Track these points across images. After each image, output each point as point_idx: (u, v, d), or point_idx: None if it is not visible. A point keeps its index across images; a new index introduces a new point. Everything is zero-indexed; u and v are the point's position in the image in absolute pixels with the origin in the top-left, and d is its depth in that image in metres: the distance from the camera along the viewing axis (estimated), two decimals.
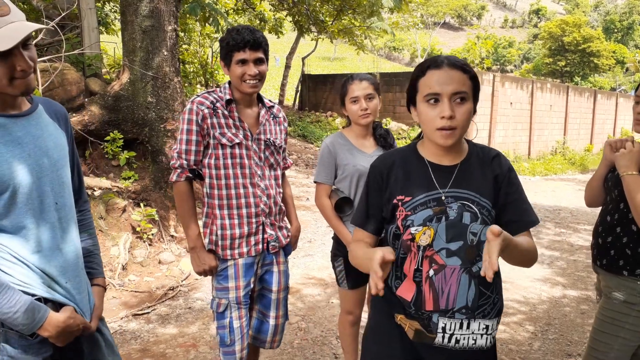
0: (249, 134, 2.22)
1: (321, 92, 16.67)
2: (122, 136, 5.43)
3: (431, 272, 1.46)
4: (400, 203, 1.48)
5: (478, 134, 13.56)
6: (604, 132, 20.15)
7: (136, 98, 5.43)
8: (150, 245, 5.00)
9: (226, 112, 2.20)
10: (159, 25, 5.31)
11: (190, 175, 2.21)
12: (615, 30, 53.83)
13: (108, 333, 1.74)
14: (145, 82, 5.39)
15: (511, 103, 14.71)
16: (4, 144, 1.39)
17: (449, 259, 1.45)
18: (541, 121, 16.19)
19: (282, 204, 2.41)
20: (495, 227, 1.20)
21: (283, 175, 2.53)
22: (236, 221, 2.22)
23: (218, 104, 2.19)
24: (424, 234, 1.45)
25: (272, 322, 2.39)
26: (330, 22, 12.86)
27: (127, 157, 5.48)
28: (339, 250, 2.61)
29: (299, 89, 17.12)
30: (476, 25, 47.30)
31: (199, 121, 2.15)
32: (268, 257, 2.34)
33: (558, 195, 10.34)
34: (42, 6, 6.43)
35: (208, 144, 2.19)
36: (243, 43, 2.10)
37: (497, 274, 1.52)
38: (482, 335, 1.49)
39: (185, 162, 2.18)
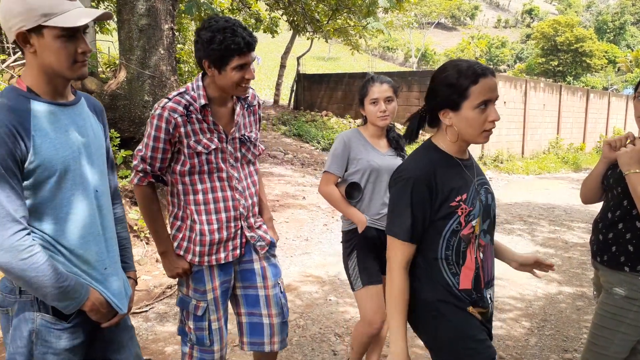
0: (223, 136, 2.10)
1: (316, 92, 16.67)
2: (118, 135, 5.42)
3: (481, 255, 1.66)
4: (461, 202, 1.59)
5: None
6: (597, 131, 20.30)
7: (133, 97, 5.43)
8: (147, 244, 5.00)
9: (200, 117, 2.04)
10: (156, 24, 5.31)
11: (153, 180, 2.12)
12: (608, 30, 54.22)
13: (130, 324, 1.81)
14: (142, 81, 5.39)
15: (505, 102, 14.79)
16: (54, 131, 1.45)
17: (485, 237, 1.67)
18: (534, 120, 16.29)
19: (257, 206, 2.31)
20: None
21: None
22: (215, 226, 2.11)
23: (191, 108, 2.02)
24: (478, 223, 1.63)
25: (265, 321, 2.25)
26: (326, 22, 12.88)
27: (124, 155, 5.47)
28: (349, 246, 2.61)
29: (294, 88, 17.13)
30: (470, 25, 47.42)
31: (170, 130, 1.99)
32: (246, 254, 2.23)
33: (552, 193, 10.42)
34: None
35: (179, 150, 2.06)
36: (246, 46, 1.92)
37: None
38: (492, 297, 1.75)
39: (149, 167, 2.07)
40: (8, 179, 1.35)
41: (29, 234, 1.40)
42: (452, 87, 1.56)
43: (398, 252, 1.61)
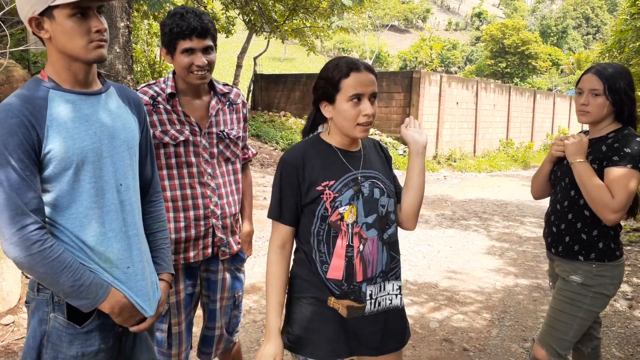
0: (196, 129, 2.03)
1: (274, 92, 16.62)
2: None
3: (361, 247, 1.64)
4: (326, 187, 1.61)
5: (427, 133, 13.96)
6: (543, 130, 21.20)
7: None
8: None
9: (168, 107, 2.00)
10: (111, 21, 5.15)
11: None
12: (551, 34, 56.72)
13: (149, 339, 1.71)
14: None
15: (457, 103, 15.23)
16: (72, 120, 1.39)
17: (369, 231, 1.65)
18: (485, 120, 16.85)
19: (237, 206, 2.22)
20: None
21: (244, 167, 2.35)
22: (182, 224, 2.03)
23: (159, 98, 1.99)
24: (350, 212, 1.62)
25: (217, 332, 2.23)
26: (282, 22, 12.86)
27: None
28: None
29: (251, 88, 17.00)
30: (428, 27, 48.47)
31: None
32: (214, 263, 2.16)
33: (503, 190, 10.81)
34: None
35: None
36: (189, 30, 1.89)
37: (397, 242, 1.77)
38: (396, 295, 1.72)
39: None
40: (19, 170, 1.30)
41: (41, 227, 1.33)
42: (327, 80, 1.61)
43: (273, 235, 1.68)
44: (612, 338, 3.61)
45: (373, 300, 1.65)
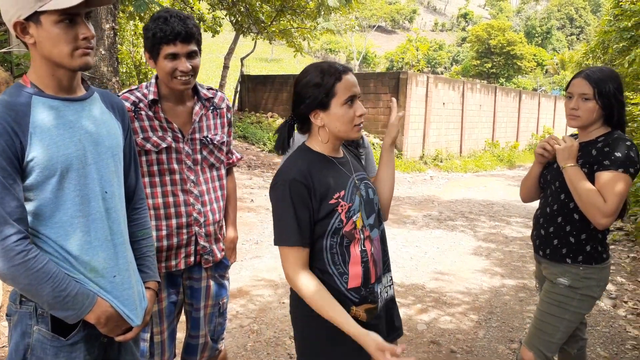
0: (179, 135, 2.00)
1: (261, 93, 16.56)
2: None
3: (372, 249, 1.66)
4: (339, 199, 1.60)
5: (414, 133, 14.02)
6: (529, 130, 21.40)
7: None
8: None
9: (150, 113, 1.96)
10: (96, 23, 5.09)
11: None
12: (536, 35, 57.31)
13: (136, 351, 1.69)
14: None
15: (444, 103, 15.30)
16: (56, 127, 1.36)
17: (372, 231, 1.68)
18: (472, 120, 16.96)
19: (221, 213, 2.20)
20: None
21: (229, 171, 2.34)
22: (164, 232, 2.01)
23: (141, 104, 1.96)
24: (360, 218, 1.63)
25: (201, 340, 2.21)
26: (269, 23, 12.83)
27: None
28: None
29: (238, 89, 16.92)
30: (415, 28, 48.65)
31: None
32: (196, 271, 2.14)
33: (489, 190, 10.89)
34: None
35: None
36: (173, 35, 1.84)
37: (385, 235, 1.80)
38: (390, 286, 1.76)
39: None
40: (1, 178, 1.28)
41: (25, 237, 1.31)
42: (318, 86, 1.57)
43: (292, 261, 1.55)
44: (597, 337, 3.65)
45: (380, 297, 1.68)
